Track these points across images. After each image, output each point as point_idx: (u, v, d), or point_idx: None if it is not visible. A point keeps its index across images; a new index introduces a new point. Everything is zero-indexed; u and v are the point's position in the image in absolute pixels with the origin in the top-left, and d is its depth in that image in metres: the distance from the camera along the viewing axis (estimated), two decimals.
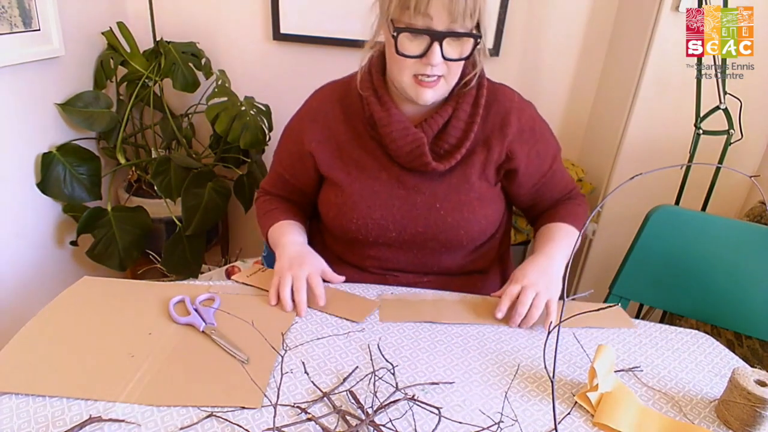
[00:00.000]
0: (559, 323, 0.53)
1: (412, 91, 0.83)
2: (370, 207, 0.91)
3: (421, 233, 0.92)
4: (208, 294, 0.84)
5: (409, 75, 0.81)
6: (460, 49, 0.80)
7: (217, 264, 1.97)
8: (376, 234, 0.92)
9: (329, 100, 0.95)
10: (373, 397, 0.66)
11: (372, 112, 0.89)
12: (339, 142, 0.93)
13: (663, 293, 1.17)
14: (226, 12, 1.79)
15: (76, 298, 0.81)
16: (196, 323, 0.77)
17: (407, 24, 0.77)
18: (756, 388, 0.63)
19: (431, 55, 0.78)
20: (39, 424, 0.59)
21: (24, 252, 1.42)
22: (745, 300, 1.09)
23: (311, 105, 0.98)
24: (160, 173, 1.57)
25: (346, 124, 0.93)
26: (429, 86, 0.82)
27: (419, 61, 0.79)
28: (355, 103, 0.92)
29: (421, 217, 0.91)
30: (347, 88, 0.94)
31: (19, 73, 1.32)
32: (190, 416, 0.61)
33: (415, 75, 0.81)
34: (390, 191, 0.91)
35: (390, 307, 0.85)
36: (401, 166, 0.91)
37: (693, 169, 1.44)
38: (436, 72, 0.80)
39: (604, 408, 0.66)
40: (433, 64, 0.78)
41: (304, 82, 1.93)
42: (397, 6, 0.77)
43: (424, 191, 0.91)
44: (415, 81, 0.82)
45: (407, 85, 0.83)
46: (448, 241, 0.92)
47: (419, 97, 0.83)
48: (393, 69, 0.84)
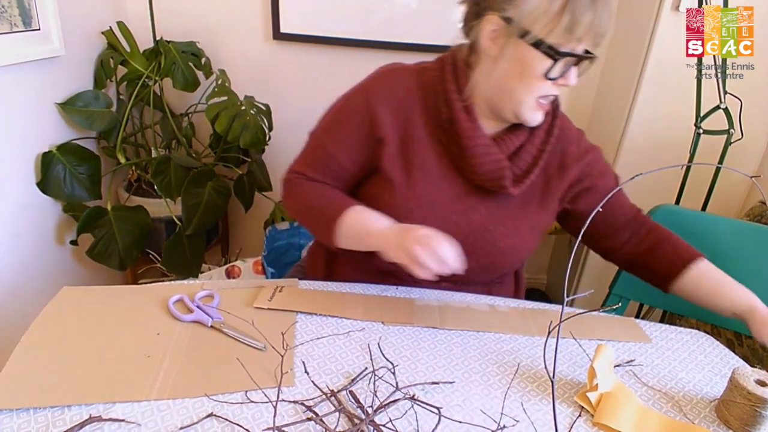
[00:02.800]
0: (559, 323, 0.53)
1: (531, 112, 0.81)
2: (426, 217, 0.84)
3: (469, 254, 0.81)
4: (206, 291, 0.84)
5: (536, 96, 0.80)
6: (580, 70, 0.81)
7: (217, 264, 1.97)
8: None
9: (409, 90, 0.86)
10: (373, 397, 0.66)
11: (458, 121, 0.83)
12: (409, 138, 0.86)
13: (663, 293, 1.17)
14: (226, 11, 1.79)
15: (64, 309, 0.79)
16: (202, 319, 0.77)
17: (570, 49, 0.75)
18: (756, 388, 0.63)
19: (569, 78, 0.78)
20: (39, 423, 0.59)
21: (24, 251, 1.42)
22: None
23: (387, 86, 0.87)
24: (160, 173, 1.57)
25: (423, 121, 0.86)
26: (545, 108, 0.83)
27: (553, 84, 0.79)
28: (432, 101, 0.86)
29: (472, 236, 0.86)
30: (422, 81, 0.87)
31: (19, 73, 1.32)
32: (190, 416, 0.61)
33: (542, 96, 0.80)
34: (450, 205, 0.87)
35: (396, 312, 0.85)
36: (465, 180, 0.87)
37: (693, 169, 1.44)
38: (559, 92, 0.82)
39: (604, 408, 0.66)
40: (569, 85, 0.79)
41: (304, 82, 1.95)
42: (561, 31, 0.73)
43: (481, 211, 0.87)
44: (536, 102, 0.81)
45: (528, 107, 0.81)
46: (491, 263, 0.90)
47: (534, 118, 0.82)
48: (517, 88, 0.79)
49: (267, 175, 1.91)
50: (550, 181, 0.90)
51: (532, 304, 0.91)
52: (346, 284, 0.92)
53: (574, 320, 0.82)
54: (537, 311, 0.89)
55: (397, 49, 1.79)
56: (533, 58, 0.76)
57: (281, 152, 1.98)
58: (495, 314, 0.87)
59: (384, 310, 0.84)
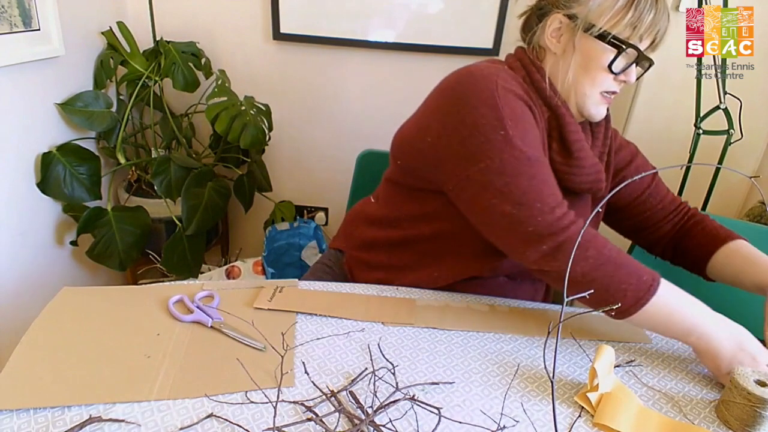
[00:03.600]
0: (559, 323, 0.53)
1: (595, 106, 0.84)
2: None
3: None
4: (207, 291, 0.84)
5: (599, 90, 0.82)
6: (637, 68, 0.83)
7: (217, 264, 1.97)
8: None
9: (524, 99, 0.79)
10: (373, 397, 0.66)
11: (564, 121, 0.82)
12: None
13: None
14: (226, 12, 1.79)
15: (64, 309, 0.79)
16: (202, 320, 0.77)
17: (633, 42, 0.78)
18: (756, 388, 0.63)
19: (631, 74, 0.81)
20: (39, 424, 0.59)
21: (24, 252, 1.42)
22: (745, 300, 1.09)
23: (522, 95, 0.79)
24: (160, 173, 1.57)
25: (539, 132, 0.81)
26: (609, 103, 0.85)
27: (615, 78, 0.81)
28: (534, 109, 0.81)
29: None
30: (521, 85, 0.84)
31: (19, 73, 1.32)
32: (190, 416, 0.61)
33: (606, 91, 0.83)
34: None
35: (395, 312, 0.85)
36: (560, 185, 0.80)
37: (693, 169, 1.44)
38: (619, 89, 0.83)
39: (604, 408, 0.66)
40: (630, 81, 0.81)
41: (304, 82, 1.95)
42: (626, 25, 0.77)
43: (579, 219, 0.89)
44: (601, 96, 0.83)
45: (594, 100, 0.83)
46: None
47: (599, 113, 0.85)
48: (583, 81, 0.82)
49: (267, 176, 1.91)
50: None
51: (532, 304, 0.91)
52: (346, 284, 0.92)
53: (574, 320, 0.82)
54: (537, 311, 0.89)
55: (397, 50, 1.79)
56: (598, 50, 0.79)
57: (281, 152, 1.98)
58: (495, 314, 0.87)
59: (384, 310, 0.84)
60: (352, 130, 1.91)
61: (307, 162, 2.00)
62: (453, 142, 0.76)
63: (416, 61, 1.81)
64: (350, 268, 1.01)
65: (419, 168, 0.85)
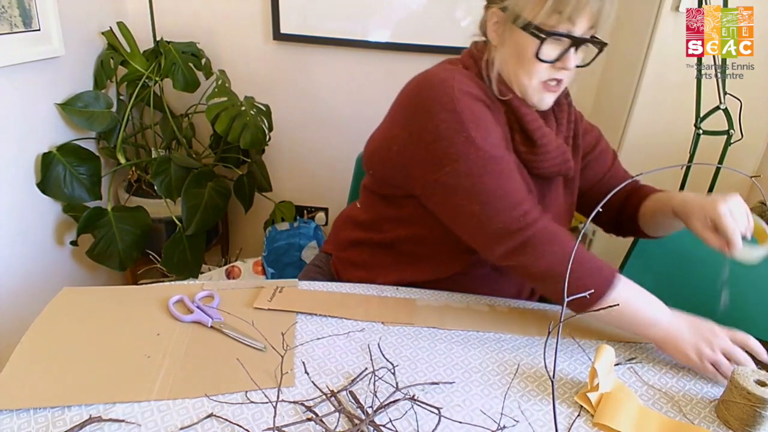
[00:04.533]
0: (559, 323, 0.53)
1: (537, 95, 0.82)
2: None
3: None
4: (207, 291, 0.84)
5: (538, 79, 0.81)
6: (583, 55, 0.81)
7: (217, 264, 1.97)
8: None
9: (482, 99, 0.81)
10: (373, 397, 0.66)
11: (520, 112, 0.83)
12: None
13: (663, 293, 1.16)
14: (226, 12, 1.79)
15: (64, 309, 0.79)
16: (202, 320, 0.77)
17: (554, 29, 0.76)
18: (756, 388, 0.63)
19: (567, 60, 0.78)
20: (39, 424, 0.59)
21: (24, 252, 1.42)
22: (745, 301, 1.09)
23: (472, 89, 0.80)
24: (160, 173, 1.57)
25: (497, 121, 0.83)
26: (553, 91, 0.82)
27: (551, 66, 0.79)
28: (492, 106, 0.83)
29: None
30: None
31: (19, 73, 1.32)
32: (190, 416, 0.61)
33: (545, 80, 0.81)
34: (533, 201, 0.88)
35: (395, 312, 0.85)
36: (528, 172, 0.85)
37: (693, 169, 1.44)
38: (562, 77, 0.81)
39: (604, 408, 0.66)
40: (568, 68, 0.79)
41: (304, 82, 1.95)
42: (548, 11, 0.75)
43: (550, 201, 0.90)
44: (542, 86, 0.82)
45: (533, 90, 0.82)
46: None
47: (542, 101, 0.83)
48: (519, 73, 0.81)
49: (267, 176, 1.91)
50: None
51: (532, 304, 0.91)
52: (346, 284, 0.92)
53: (573, 320, 0.82)
54: (537, 311, 0.89)
55: (397, 50, 1.79)
56: (525, 41, 0.78)
57: (281, 153, 1.98)
58: (495, 314, 0.87)
59: (384, 310, 0.84)
60: (352, 130, 1.91)
61: (307, 162, 2.00)
62: (419, 149, 0.80)
63: (416, 61, 1.81)
64: (336, 268, 1.04)
65: (390, 176, 0.88)
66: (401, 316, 0.83)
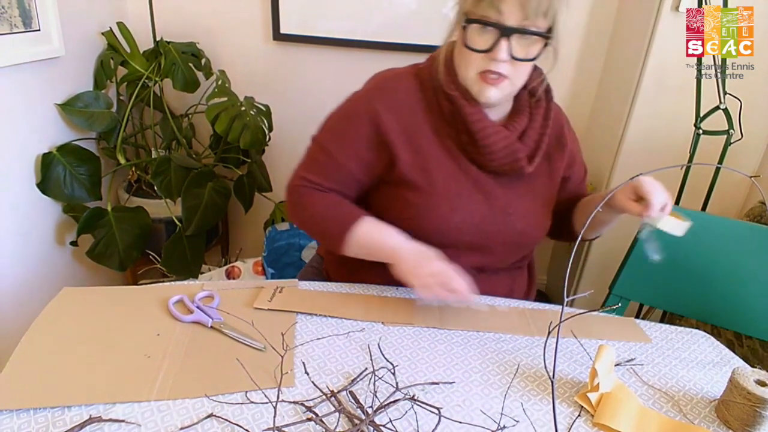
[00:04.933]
0: (559, 323, 0.53)
1: (476, 87, 0.82)
2: (453, 210, 0.87)
3: (493, 238, 0.90)
4: (207, 292, 0.84)
5: (474, 70, 0.80)
6: (528, 49, 0.78)
7: (217, 264, 1.97)
8: (454, 237, 0.89)
9: (411, 90, 0.88)
10: (373, 397, 0.66)
11: (460, 110, 0.84)
12: (420, 139, 0.88)
13: (663, 293, 1.17)
14: (226, 12, 1.79)
15: (64, 309, 0.79)
16: (202, 320, 0.77)
17: (480, 17, 0.77)
18: (756, 388, 0.63)
19: (497, 51, 0.76)
20: (39, 424, 0.59)
21: (24, 252, 1.42)
22: (745, 300, 1.09)
23: (388, 91, 0.89)
24: (160, 173, 1.57)
25: (428, 119, 0.88)
26: (493, 83, 0.81)
27: (486, 57, 0.78)
28: (432, 99, 0.88)
29: (495, 222, 0.89)
30: (422, 81, 0.89)
31: (19, 73, 1.32)
32: (190, 416, 0.61)
33: (481, 72, 0.80)
34: (470, 194, 0.89)
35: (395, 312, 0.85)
36: (479, 168, 0.88)
37: (693, 169, 1.44)
38: (501, 70, 0.79)
39: (604, 408, 0.66)
40: (497, 59, 0.77)
41: (304, 82, 1.95)
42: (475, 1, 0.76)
43: (499, 196, 0.90)
44: (480, 77, 0.81)
45: (472, 81, 0.82)
46: (514, 244, 0.93)
47: (482, 93, 0.82)
48: (460, 64, 0.83)
49: (267, 176, 1.91)
50: (552, 158, 0.94)
51: (532, 304, 0.91)
52: (345, 285, 0.92)
53: (574, 320, 0.82)
54: (537, 311, 0.89)
55: (396, 50, 1.79)
56: (460, 32, 0.81)
57: (281, 153, 1.98)
58: (495, 314, 0.87)
59: (384, 310, 0.84)
60: None
61: None
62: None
63: (416, 62, 1.80)
64: (327, 270, 1.06)
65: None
66: (401, 316, 0.83)
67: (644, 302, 1.24)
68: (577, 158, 1.01)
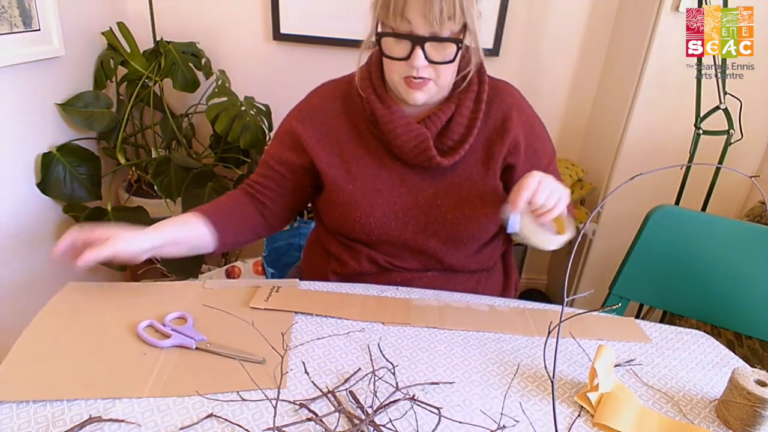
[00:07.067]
0: (559, 323, 0.53)
1: (403, 91, 0.84)
2: (372, 205, 0.91)
3: (422, 231, 0.92)
4: (177, 313, 0.78)
5: (398, 75, 0.83)
6: (443, 52, 0.80)
7: (217, 264, 1.97)
8: (378, 232, 0.92)
9: (330, 97, 0.95)
10: (373, 397, 0.66)
11: (373, 110, 0.89)
12: (340, 141, 0.93)
13: (663, 293, 1.17)
14: (226, 12, 1.79)
15: (67, 304, 0.80)
16: (185, 343, 0.72)
17: (391, 26, 0.79)
18: (756, 388, 0.63)
19: (414, 59, 0.78)
20: (39, 424, 0.59)
21: (24, 252, 1.42)
22: (745, 300, 1.09)
23: (310, 102, 0.97)
24: (160, 173, 1.57)
25: (348, 122, 0.93)
26: (417, 87, 0.83)
27: (405, 63, 0.80)
28: (356, 102, 0.92)
29: (422, 214, 0.91)
30: (348, 87, 0.94)
31: (19, 73, 1.32)
32: (190, 416, 0.61)
33: (405, 77, 0.82)
34: (392, 189, 0.91)
35: (395, 312, 0.85)
36: (404, 164, 0.91)
37: (693, 169, 1.44)
38: (422, 74, 0.81)
39: (604, 408, 0.66)
40: (415, 66, 0.79)
41: (304, 82, 1.93)
42: (381, 8, 0.78)
43: (426, 189, 0.91)
44: (405, 81, 0.83)
45: (398, 85, 0.84)
46: (450, 238, 0.93)
47: (409, 97, 0.84)
48: (386, 68, 0.85)
49: None
50: (492, 146, 0.91)
51: (532, 304, 0.91)
52: (345, 284, 0.92)
53: (574, 320, 0.82)
54: (537, 311, 0.89)
55: None
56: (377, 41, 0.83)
57: None
58: (495, 314, 0.87)
59: (383, 310, 0.84)
60: None
61: None
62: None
63: None
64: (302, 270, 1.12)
65: None
66: (399, 316, 0.83)
67: (644, 302, 1.23)
68: (530, 145, 0.93)
